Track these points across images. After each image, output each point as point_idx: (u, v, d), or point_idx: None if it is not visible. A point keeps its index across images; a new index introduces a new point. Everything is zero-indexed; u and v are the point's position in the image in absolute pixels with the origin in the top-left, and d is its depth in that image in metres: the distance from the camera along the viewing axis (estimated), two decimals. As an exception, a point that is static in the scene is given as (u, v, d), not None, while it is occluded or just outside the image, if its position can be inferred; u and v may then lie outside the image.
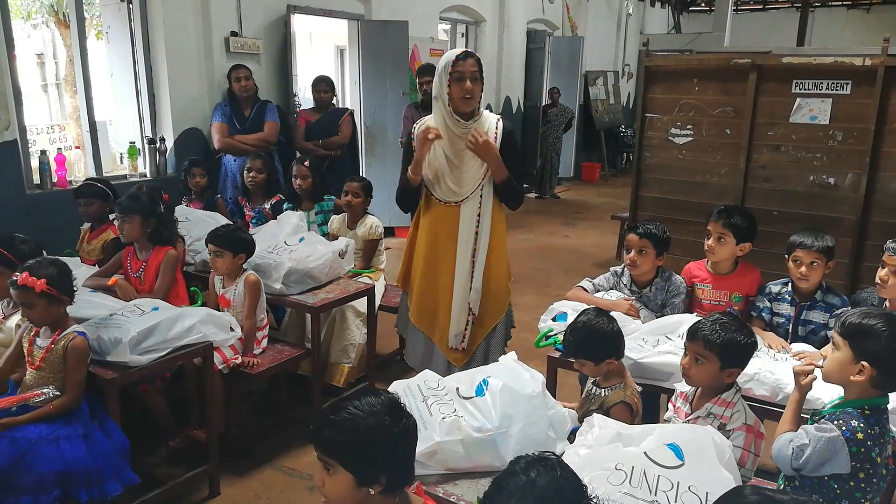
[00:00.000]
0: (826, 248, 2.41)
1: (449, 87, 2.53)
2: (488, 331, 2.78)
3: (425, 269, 2.77)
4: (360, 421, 1.30)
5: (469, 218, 2.67)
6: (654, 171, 3.93)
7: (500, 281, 2.78)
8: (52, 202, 3.99)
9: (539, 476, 1.18)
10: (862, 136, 3.27)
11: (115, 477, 2.15)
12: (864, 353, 1.59)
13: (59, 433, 2.08)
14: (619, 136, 11.32)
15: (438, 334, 2.80)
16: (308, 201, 3.81)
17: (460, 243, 2.68)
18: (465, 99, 2.53)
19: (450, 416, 1.74)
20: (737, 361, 1.86)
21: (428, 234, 2.74)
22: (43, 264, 2.18)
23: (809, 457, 1.60)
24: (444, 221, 2.70)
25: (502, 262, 2.78)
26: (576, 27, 10.26)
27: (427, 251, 2.75)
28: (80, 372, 2.17)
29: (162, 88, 4.70)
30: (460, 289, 2.71)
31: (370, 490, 1.32)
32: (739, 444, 1.82)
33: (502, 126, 2.67)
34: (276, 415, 3.25)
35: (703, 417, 1.86)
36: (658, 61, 3.95)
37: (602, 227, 7.12)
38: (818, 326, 2.46)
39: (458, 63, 2.52)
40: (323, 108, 5.00)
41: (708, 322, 1.87)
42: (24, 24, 7.45)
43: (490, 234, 2.70)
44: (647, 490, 1.49)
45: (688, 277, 2.71)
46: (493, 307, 2.77)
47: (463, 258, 2.69)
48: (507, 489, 1.19)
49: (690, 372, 1.88)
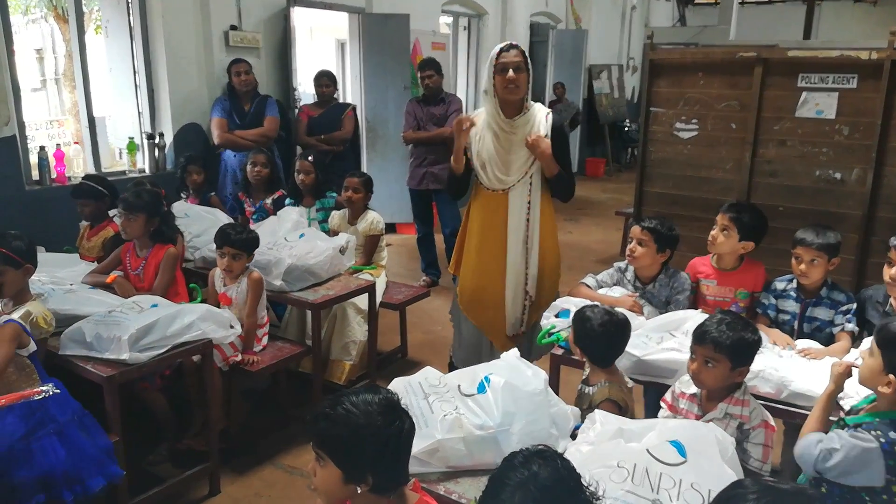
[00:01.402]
0: (827, 245, 2.38)
1: (494, 80, 2.61)
2: (541, 309, 2.83)
3: (475, 257, 2.86)
4: (352, 418, 1.30)
5: (518, 206, 2.75)
6: (658, 166, 3.89)
7: (553, 265, 2.89)
8: (52, 198, 3.97)
9: (541, 469, 1.19)
10: (868, 131, 3.23)
11: (96, 472, 2.11)
12: (894, 366, 1.55)
13: (31, 438, 2.02)
14: (623, 130, 11.26)
15: (488, 323, 2.88)
16: (309, 197, 3.79)
17: (510, 231, 2.77)
18: (510, 88, 2.60)
19: (451, 414, 1.73)
20: (747, 359, 1.85)
21: (477, 221, 2.84)
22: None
23: (839, 463, 1.55)
24: (491, 209, 2.79)
25: (554, 247, 2.88)
26: (579, 20, 10.20)
27: (476, 239, 2.85)
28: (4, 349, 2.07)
29: (161, 83, 4.67)
30: (514, 276, 2.80)
31: (357, 488, 1.32)
32: (761, 441, 1.84)
33: (552, 119, 2.75)
34: (276, 413, 3.24)
35: (720, 419, 1.84)
36: (663, 55, 3.90)
37: (606, 223, 7.08)
38: (823, 323, 2.43)
39: (502, 55, 2.61)
40: (325, 103, 4.97)
41: (713, 323, 1.84)
42: (23, 18, 7.44)
43: (541, 220, 2.78)
44: (648, 488, 1.48)
45: (692, 273, 2.69)
46: (548, 291, 2.87)
47: (515, 245, 2.78)
48: (508, 484, 1.19)
49: (701, 376, 1.85)
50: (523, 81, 2.63)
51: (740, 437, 1.86)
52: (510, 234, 2.76)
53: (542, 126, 2.70)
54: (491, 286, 2.83)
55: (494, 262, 2.81)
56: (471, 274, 2.89)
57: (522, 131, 2.70)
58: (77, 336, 2.32)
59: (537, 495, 1.16)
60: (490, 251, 2.81)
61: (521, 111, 2.69)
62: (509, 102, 2.65)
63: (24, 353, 2.13)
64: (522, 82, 2.62)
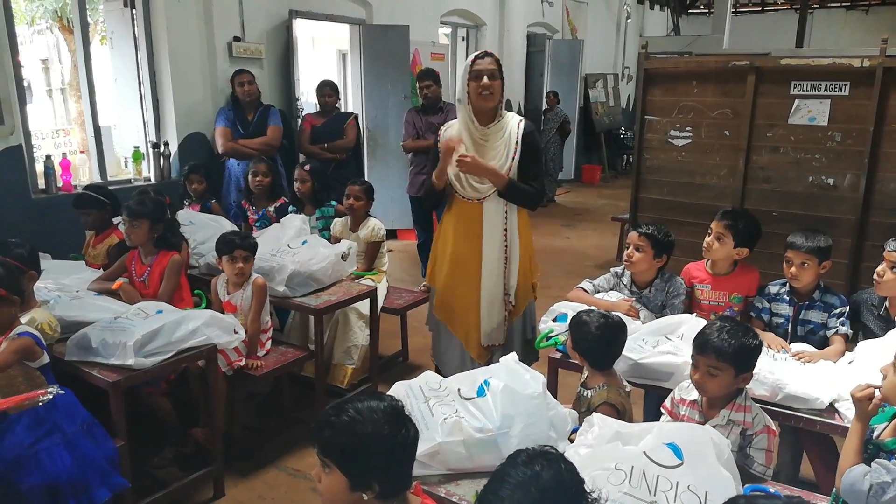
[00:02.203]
0: (817, 248, 2.40)
1: (468, 87, 2.59)
2: (518, 315, 2.87)
3: (449, 267, 2.84)
4: (358, 427, 1.30)
5: (494, 215, 2.73)
6: (653, 173, 3.94)
7: (529, 274, 2.87)
8: (58, 206, 4.01)
9: (543, 470, 1.18)
10: (860, 137, 3.28)
11: (102, 483, 2.12)
12: None
13: (38, 447, 2.03)
14: (619, 138, 11.34)
15: (463, 331, 2.86)
16: (309, 206, 3.84)
17: (486, 240, 2.74)
18: (484, 95, 2.58)
19: (451, 417, 1.75)
20: (749, 366, 1.85)
21: (451, 231, 2.82)
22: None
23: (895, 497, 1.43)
24: (467, 219, 2.76)
25: (530, 255, 2.87)
26: (575, 30, 10.29)
27: (451, 248, 2.82)
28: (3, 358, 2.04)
29: (165, 93, 4.73)
30: (489, 285, 2.77)
31: (363, 495, 1.33)
32: (764, 447, 1.82)
33: (524, 126, 2.72)
34: (279, 416, 3.27)
35: (723, 426, 1.83)
36: (657, 64, 3.97)
37: (602, 229, 7.13)
38: (816, 326, 2.47)
39: (477, 62, 2.59)
40: (328, 113, 5.03)
41: (714, 332, 1.83)
42: (29, 29, 7.51)
43: (519, 229, 2.78)
44: (646, 490, 1.49)
45: (687, 278, 2.72)
46: (523, 299, 2.87)
47: (490, 255, 2.75)
48: (509, 481, 1.18)
49: (706, 386, 1.84)
50: (497, 89, 2.60)
51: (743, 443, 1.85)
52: (485, 243, 2.74)
53: (514, 132, 2.68)
54: (466, 296, 2.80)
55: (469, 273, 2.77)
56: (446, 284, 2.86)
57: (496, 139, 2.68)
58: (83, 342, 2.35)
59: (537, 496, 1.16)
60: (465, 261, 2.78)
61: (495, 119, 2.66)
62: (483, 110, 2.63)
63: (34, 365, 2.13)
64: (497, 89, 2.60)
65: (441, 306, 2.90)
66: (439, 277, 2.90)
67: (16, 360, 2.08)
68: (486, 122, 2.66)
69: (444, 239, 2.87)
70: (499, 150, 2.68)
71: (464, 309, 2.82)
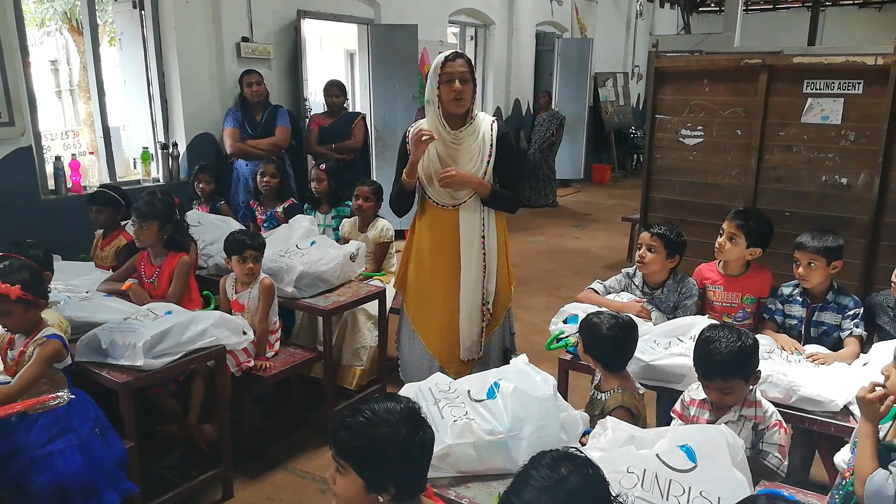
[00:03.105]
0: (824, 248, 2.37)
1: (439, 90, 2.50)
2: (495, 328, 2.79)
3: (425, 276, 2.74)
4: (375, 429, 1.29)
5: (470, 222, 2.63)
6: (664, 173, 3.91)
7: (506, 281, 2.80)
8: (67, 207, 4.04)
9: (570, 474, 1.15)
10: (874, 136, 3.24)
11: (111, 487, 2.13)
12: None
13: (52, 447, 2.04)
14: (629, 137, 11.28)
15: (439, 348, 2.75)
16: (325, 204, 3.88)
17: (463, 248, 2.63)
18: (455, 101, 2.49)
19: (461, 419, 1.74)
20: (755, 367, 1.86)
21: (425, 238, 2.71)
22: (13, 268, 2.11)
23: None
24: (441, 226, 2.65)
25: (504, 263, 2.79)
26: (585, 29, 10.25)
27: (426, 257, 2.72)
28: (36, 370, 2.06)
29: (174, 94, 4.75)
30: (468, 296, 2.67)
31: (378, 498, 1.31)
32: (777, 441, 1.84)
33: (497, 128, 2.63)
34: (288, 417, 3.27)
35: (734, 422, 1.85)
36: (668, 62, 3.93)
37: (612, 229, 7.09)
38: (830, 327, 2.44)
39: (447, 64, 2.48)
40: (335, 113, 5.03)
41: (713, 352, 1.82)
42: (38, 31, 7.56)
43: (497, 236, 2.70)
44: (658, 494, 1.48)
45: (699, 279, 2.70)
46: (501, 308, 2.80)
47: (469, 263, 2.65)
48: (533, 485, 1.15)
49: (726, 401, 1.87)
50: (468, 93, 2.50)
51: (755, 439, 1.87)
52: (463, 251, 2.62)
53: (487, 135, 2.60)
54: (442, 309, 2.69)
55: (446, 283, 2.66)
56: (420, 296, 2.75)
57: (469, 142, 2.58)
58: (93, 343, 2.36)
59: (563, 499, 1.13)
60: (441, 271, 2.67)
61: (467, 122, 2.56)
62: (454, 114, 2.53)
63: (59, 366, 2.15)
64: (468, 94, 2.50)
65: (417, 318, 2.78)
66: (412, 288, 2.78)
67: (47, 369, 2.10)
68: (457, 125, 2.56)
69: (419, 247, 2.73)
70: (473, 153, 2.58)
71: (441, 324, 2.71)
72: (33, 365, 2.07)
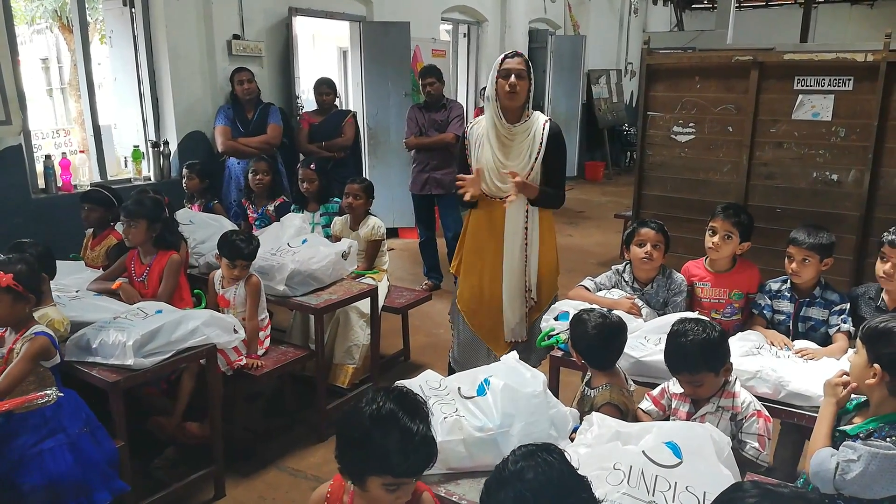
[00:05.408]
0: (819, 245, 2.39)
1: (497, 84, 2.66)
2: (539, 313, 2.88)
3: (472, 262, 2.92)
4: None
5: (516, 213, 2.78)
6: (656, 170, 3.92)
7: (551, 269, 2.92)
8: (58, 206, 4.01)
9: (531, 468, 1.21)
10: (865, 133, 3.26)
11: (103, 486, 2.13)
12: (877, 357, 1.57)
13: (41, 446, 2.04)
14: (622, 134, 11.29)
15: (487, 329, 2.92)
16: (314, 203, 3.85)
17: (507, 237, 2.80)
18: (510, 94, 2.64)
19: (451, 416, 1.75)
20: (725, 359, 1.90)
21: (475, 226, 2.89)
22: (12, 260, 2.15)
23: (860, 475, 1.47)
24: (489, 215, 2.82)
25: (552, 252, 2.92)
26: (578, 26, 10.24)
27: (474, 244, 2.91)
28: (22, 367, 2.05)
29: (165, 92, 4.72)
30: (511, 281, 2.84)
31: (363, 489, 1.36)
32: (756, 431, 1.87)
33: (549, 127, 2.77)
34: (280, 416, 3.27)
35: (713, 413, 1.88)
36: (660, 59, 3.94)
37: (605, 226, 7.11)
38: (818, 322, 2.46)
39: (506, 61, 2.67)
40: (325, 111, 5.02)
41: (679, 346, 1.88)
42: (28, 28, 7.51)
43: (540, 227, 2.83)
44: (644, 490, 1.49)
45: (686, 276, 2.71)
46: (546, 294, 2.92)
47: (511, 251, 2.82)
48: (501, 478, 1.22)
49: (698, 393, 1.92)
50: (524, 88, 2.67)
51: (735, 429, 1.89)
52: (506, 240, 2.80)
53: (539, 133, 2.74)
54: (488, 292, 2.88)
55: (491, 268, 2.86)
56: (468, 279, 2.94)
57: (522, 138, 2.73)
58: (82, 342, 2.35)
59: (526, 491, 1.19)
60: (487, 257, 2.86)
61: (522, 118, 2.73)
62: (510, 108, 2.69)
63: (47, 364, 2.14)
64: (523, 89, 2.67)
65: (466, 301, 2.96)
66: (464, 272, 2.98)
67: (33, 366, 2.09)
68: (513, 120, 2.72)
69: (470, 234, 2.94)
70: (523, 148, 2.73)
71: (488, 305, 2.89)
72: (19, 362, 2.06)
